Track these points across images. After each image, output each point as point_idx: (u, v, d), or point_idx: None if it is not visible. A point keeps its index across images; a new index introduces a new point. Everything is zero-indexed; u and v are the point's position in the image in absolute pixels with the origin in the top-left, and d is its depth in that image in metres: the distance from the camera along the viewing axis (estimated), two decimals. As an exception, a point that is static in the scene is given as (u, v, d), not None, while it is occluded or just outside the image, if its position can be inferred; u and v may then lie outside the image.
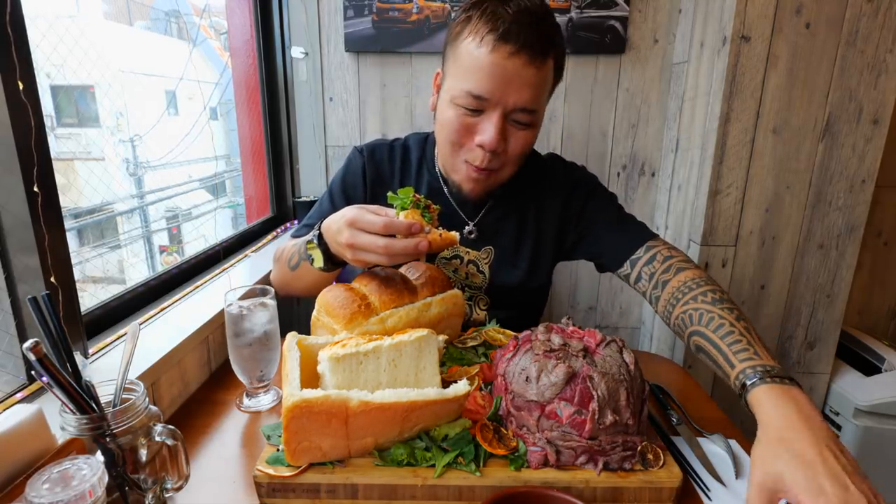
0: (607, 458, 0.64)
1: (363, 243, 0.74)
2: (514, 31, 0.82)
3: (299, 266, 0.92)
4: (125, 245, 4.51)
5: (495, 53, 0.83)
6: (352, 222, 0.75)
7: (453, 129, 0.90)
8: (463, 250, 1.04)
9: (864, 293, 1.79)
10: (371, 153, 1.08)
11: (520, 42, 0.82)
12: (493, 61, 0.83)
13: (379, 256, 0.75)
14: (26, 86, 0.69)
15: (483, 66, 0.84)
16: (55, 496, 0.43)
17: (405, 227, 0.73)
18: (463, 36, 0.86)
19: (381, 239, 0.73)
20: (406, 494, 0.63)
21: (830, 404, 1.58)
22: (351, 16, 1.60)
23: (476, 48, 0.84)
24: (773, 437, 0.59)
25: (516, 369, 0.69)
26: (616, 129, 1.73)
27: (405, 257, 0.75)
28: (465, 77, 0.86)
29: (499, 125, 0.87)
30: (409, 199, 0.77)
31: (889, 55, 1.32)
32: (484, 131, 0.88)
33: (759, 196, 1.44)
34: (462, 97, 0.87)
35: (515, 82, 0.84)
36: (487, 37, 0.83)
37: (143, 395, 0.58)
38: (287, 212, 1.81)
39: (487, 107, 0.87)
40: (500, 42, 0.82)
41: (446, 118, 0.91)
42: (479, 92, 0.85)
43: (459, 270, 1.05)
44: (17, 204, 0.70)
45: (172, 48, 5.57)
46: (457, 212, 1.04)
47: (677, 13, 1.62)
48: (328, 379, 0.64)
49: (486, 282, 1.05)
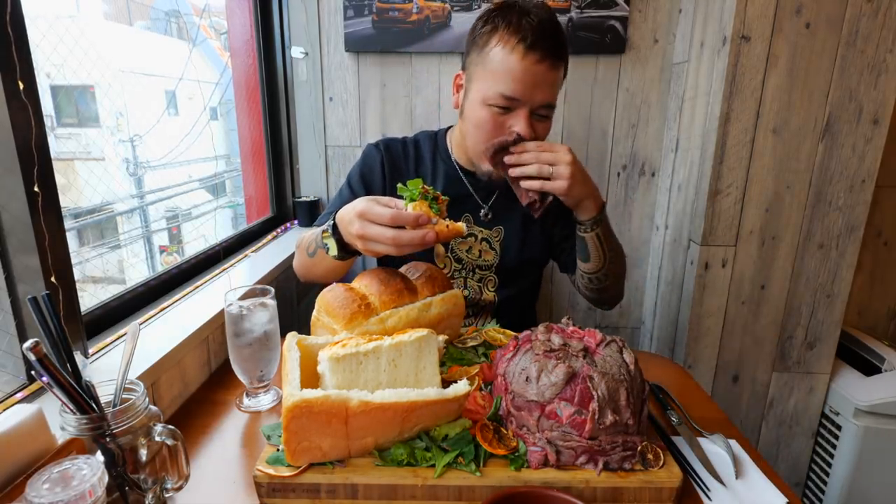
0: (607, 458, 0.64)
1: (372, 234, 0.78)
2: (539, 40, 0.95)
3: (316, 254, 0.97)
4: (125, 245, 4.51)
5: (526, 61, 0.96)
6: (362, 214, 0.79)
7: (488, 127, 1.02)
8: (477, 229, 1.16)
9: (864, 293, 1.79)
10: (387, 147, 1.18)
11: (545, 49, 0.96)
12: (524, 67, 0.96)
13: (388, 247, 0.78)
14: (26, 86, 0.69)
15: (514, 71, 0.96)
16: (55, 496, 0.43)
17: (413, 218, 0.76)
18: (492, 44, 0.99)
19: (390, 230, 0.77)
20: (406, 494, 0.63)
21: (830, 404, 1.58)
22: (351, 16, 1.60)
23: (508, 55, 0.96)
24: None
25: (516, 369, 0.69)
26: (616, 129, 1.72)
27: (413, 248, 0.78)
28: (498, 81, 0.98)
29: (528, 119, 1.00)
30: (418, 191, 0.79)
31: (889, 55, 1.32)
32: (517, 125, 1.00)
33: (759, 196, 1.44)
34: (495, 98, 0.99)
35: (541, 84, 0.98)
36: (518, 46, 0.96)
37: (143, 395, 0.58)
38: (287, 212, 1.81)
39: (517, 106, 0.99)
40: (529, 51, 0.95)
41: (479, 118, 1.02)
42: (512, 94, 0.97)
43: (473, 248, 1.16)
44: (17, 204, 0.70)
45: (172, 48, 5.57)
46: (472, 195, 1.16)
47: (677, 13, 1.62)
48: (328, 379, 0.64)
49: (497, 258, 1.17)
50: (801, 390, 1.59)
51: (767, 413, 1.62)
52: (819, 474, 1.62)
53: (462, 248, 1.16)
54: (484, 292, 1.17)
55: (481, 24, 1.02)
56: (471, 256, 1.16)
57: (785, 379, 1.58)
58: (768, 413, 1.62)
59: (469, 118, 1.06)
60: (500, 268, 1.17)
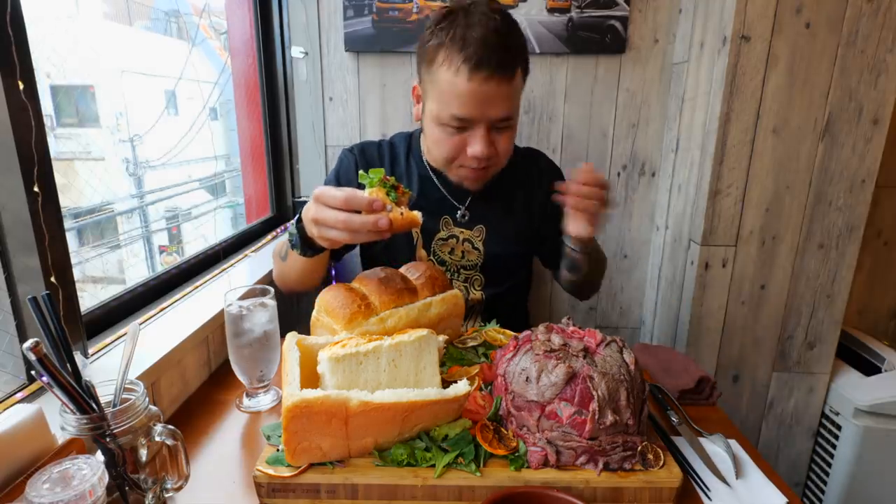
0: (607, 459, 0.64)
1: (325, 218, 0.77)
2: (485, 57, 0.90)
3: (287, 256, 0.97)
4: (125, 245, 4.51)
5: (472, 82, 0.91)
6: (317, 196, 0.79)
7: (445, 147, 1.01)
8: (457, 230, 1.15)
9: (864, 293, 1.79)
10: (361, 151, 1.17)
11: (492, 66, 0.91)
12: (471, 89, 0.92)
13: (340, 232, 0.77)
14: (26, 86, 0.69)
15: (462, 93, 0.93)
16: (55, 496, 0.43)
17: (367, 202, 0.76)
18: (438, 62, 0.94)
19: (343, 214, 0.76)
20: (406, 494, 0.63)
21: (830, 404, 1.58)
22: (351, 16, 1.60)
23: (454, 77, 0.92)
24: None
25: (516, 369, 0.69)
26: (616, 129, 1.72)
27: (366, 235, 0.77)
28: (448, 103, 0.95)
29: (485, 137, 0.97)
30: (378, 178, 0.79)
31: (889, 55, 1.32)
32: (474, 144, 0.98)
33: (759, 196, 1.44)
34: (448, 119, 0.97)
35: (493, 101, 0.94)
36: (462, 67, 0.91)
37: (143, 395, 0.58)
38: (287, 212, 1.81)
39: (472, 125, 0.97)
40: (474, 71, 0.91)
41: (436, 137, 1.01)
42: (463, 115, 0.95)
43: (455, 250, 1.14)
44: (17, 204, 0.70)
45: (172, 48, 5.57)
46: (446, 197, 1.14)
47: (677, 13, 1.62)
48: (328, 379, 0.64)
49: (481, 258, 1.15)
50: (801, 390, 1.59)
51: (767, 413, 1.62)
52: (819, 474, 1.62)
53: (444, 251, 1.14)
54: (471, 292, 1.16)
55: (428, 35, 0.98)
56: (454, 258, 1.15)
57: (785, 379, 1.58)
58: (768, 413, 1.62)
59: (428, 135, 1.05)
60: (486, 266, 1.15)
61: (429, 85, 0.99)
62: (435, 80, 0.96)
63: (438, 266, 1.13)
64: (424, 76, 1.00)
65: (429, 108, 1.01)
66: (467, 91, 0.92)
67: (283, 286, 1.06)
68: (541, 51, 1.62)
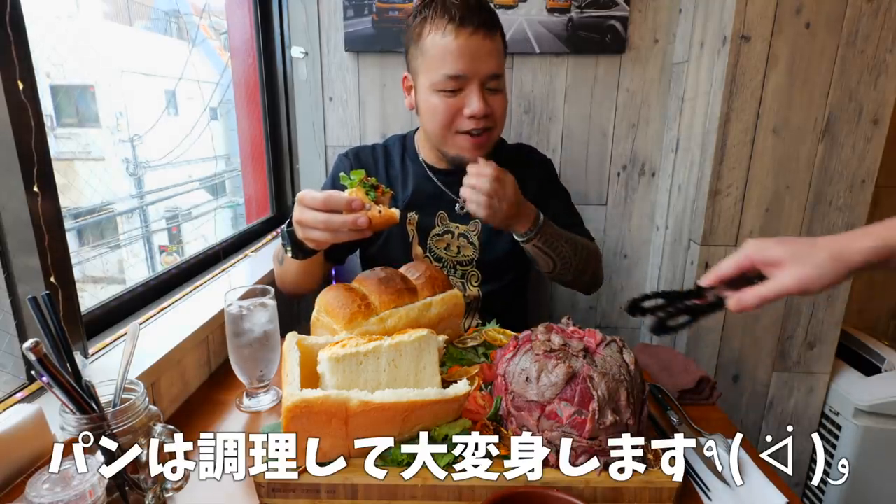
0: (607, 459, 0.64)
1: (307, 219, 0.81)
2: (467, 15, 0.97)
3: (283, 260, 1.00)
4: (125, 245, 4.51)
5: (461, 37, 0.97)
6: (300, 199, 0.83)
7: (442, 112, 1.02)
8: (453, 225, 1.16)
9: (864, 293, 1.79)
10: (356, 155, 1.20)
11: (475, 23, 0.97)
12: (460, 43, 0.97)
13: (322, 232, 0.81)
14: (26, 86, 0.69)
15: (453, 50, 0.98)
16: (55, 496, 0.43)
17: (346, 202, 0.79)
18: (426, 34, 1.00)
19: (322, 214, 0.80)
20: (406, 494, 0.63)
21: (830, 404, 1.58)
22: (351, 16, 1.60)
23: (442, 38, 0.98)
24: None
25: (516, 369, 0.69)
26: (616, 129, 1.72)
27: (347, 233, 0.80)
28: (441, 64, 0.99)
29: (480, 94, 1.00)
30: (358, 179, 0.82)
31: (889, 55, 1.32)
32: (470, 103, 1.00)
33: (759, 196, 1.44)
34: (442, 82, 1.00)
35: (482, 55, 0.99)
36: (449, 26, 0.98)
37: (143, 395, 0.58)
38: (287, 212, 1.81)
39: (465, 84, 1.00)
40: (460, 27, 0.97)
41: (432, 105, 1.03)
42: (456, 72, 0.98)
43: (451, 245, 1.16)
44: (17, 204, 0.70)
45: (172, 48, 5.57)
46: (444, 192, 1.15)
47: (677, 13, 1.62)
48: (328, 379, 0.64)
49: (476, 252, 1.16)
50: (801, 390, 1.59)
51: (767, 413, 1.62)
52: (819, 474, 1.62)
53: (440, 246, 1.15)
54: (468, 288, 1.16)
55: (412, 19, 1.04)
56: (450, 253, 1.15)
57: (785, 379, 1.58)
58: (768, 413, 1.62)
59: (423, 111, 1.07)
60: (482, 262, 1.16)
61: (419, 61, 1.03)
62: (424, 51, 1.01)
63: (438, 266, 1.13)
64: (414, 56, 1.04)
65: (421, 84, 1.04)
66: (456, 47, 0.97)
67: (283, 289, 1.08)
68: (541, 51, 1.62)
